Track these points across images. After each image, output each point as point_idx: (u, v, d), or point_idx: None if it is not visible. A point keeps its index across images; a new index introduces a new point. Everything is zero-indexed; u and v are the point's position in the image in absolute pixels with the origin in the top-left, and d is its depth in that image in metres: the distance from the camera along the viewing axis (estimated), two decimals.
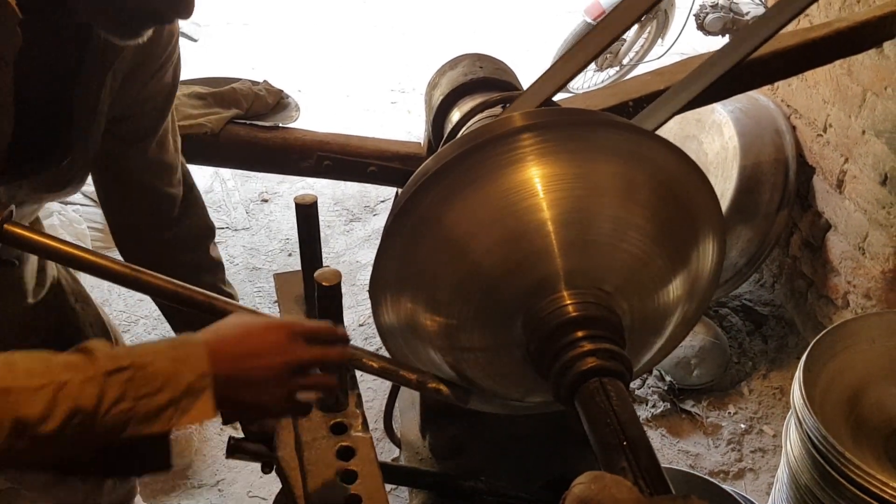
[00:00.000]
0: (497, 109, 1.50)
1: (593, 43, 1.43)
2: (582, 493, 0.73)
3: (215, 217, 3.68)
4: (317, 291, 1.10)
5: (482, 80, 1.67)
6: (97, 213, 3.44)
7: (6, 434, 0.72)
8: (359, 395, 1.26)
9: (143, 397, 0.80)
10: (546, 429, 1.75)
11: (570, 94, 2.68)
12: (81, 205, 3.42)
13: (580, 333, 1.09)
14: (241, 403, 0.89)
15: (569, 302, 1.12)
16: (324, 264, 1.34)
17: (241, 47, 5.77)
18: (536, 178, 1.13)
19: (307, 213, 1.32)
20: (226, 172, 4.00)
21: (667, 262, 1.19)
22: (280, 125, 1.80)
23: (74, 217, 3.29)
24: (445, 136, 1.56)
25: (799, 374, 1.77)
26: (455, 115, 1.63)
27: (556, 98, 1.48)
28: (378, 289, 1.23)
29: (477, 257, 1.13)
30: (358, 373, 1.31)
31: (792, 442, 1.83)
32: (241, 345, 0.89)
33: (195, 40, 4.77)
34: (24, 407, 0.73)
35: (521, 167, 1.13)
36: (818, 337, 1.86)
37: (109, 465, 0.87)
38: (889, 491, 1.55)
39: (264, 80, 1.86)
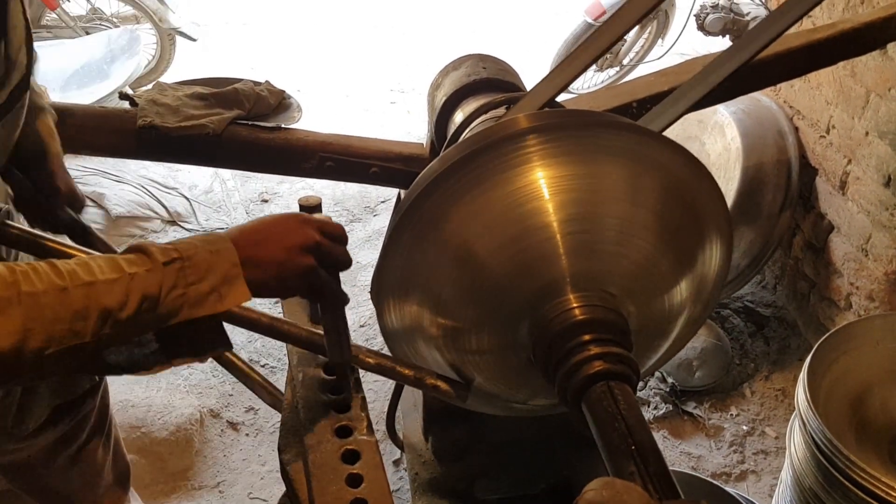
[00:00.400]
0: (501, 110, 1.49)
1: (595, 44, 1.43)
2: (594, 500, 0.72)
3: (215, 217, 3.69)
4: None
5: (486, 80, 1.66)
6: (97, 214, 3.44)
7: (94, 321, 0.86)
8: (363, 398, 1.25)
9: (191, 284, 0.93)
10: (549, 432, 1.74)
11: (572, 95, 2.67)
12: None
13: (587, 337, 1.08)
14: (267, 282, 1.02)
15: (575, 305, 1.11)
16: None
17: (240, 47, 5.76)
18: (542, 181, 1.12)
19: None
20: (225, 173, 3.99)
21: (673, 264, 1.19)
22: (282, 126, 1.78)
23: None
24: (449, 137, 1.55)
25: (803, 376, 1.77)
26: (458, 116, 1.63)
27: (559, 99, 1.47)
28: (382, 291, 1.23)
29: (482, 260, 1.13)
30: (360, 373, 1.30)
31: (796, 444, 1.83)
32: (260, 233, 1.03)
33: (194, 40, 4.78)
34: (106, 297, 0.87)
35: (526, 169, 1.12)
36: (822, 339, 1.85)
37: (176, 350, 1.01)
38: (894, 494, 1.55)
39: (266, 81, 1.84)
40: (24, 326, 0.82)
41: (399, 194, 1.95)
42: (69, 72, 4.00)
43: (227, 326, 1.05)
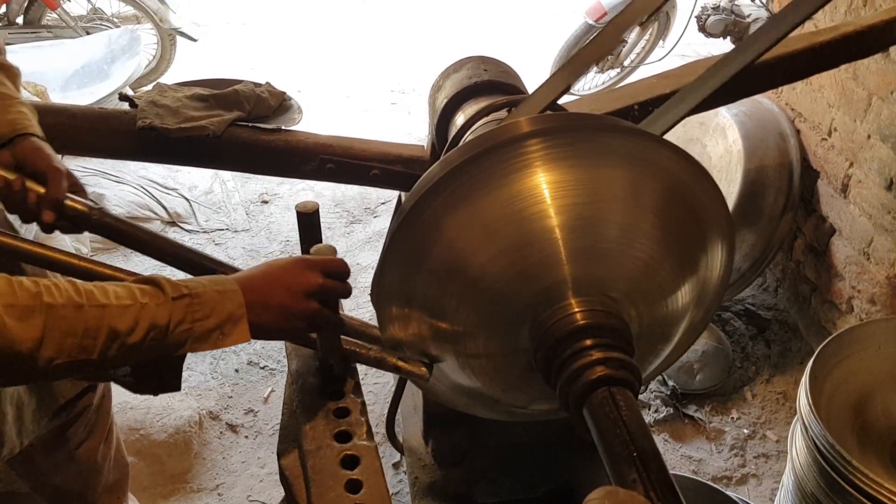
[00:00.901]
0: (502, 113, 1.49)
1: (595, 47, 1.43)
2: None
3: (215, 218, 3.68)
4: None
5: (486, 83, 1.66)
6: None
7: (103, 340, 0.93)
8: (363, 403, 1.24)
9: (198, 320, 1.00)
10: (549, 436, 1.74)
11: (574, 97, 2.66)
12: None
13: (588, 342, 1.08)
14: (270, 325, 1.08)
15: (577, 310, 1.10)
16: None
17: (241, 47, 5.76)
18: (544, 185, 1.11)
19: (309, 221, 1.31)
20: (226, 174, 3.98)
21: (675, 268, 1.18)
22: (283, 128, 1.78)
23: None
24: (450, 139, 1.55)
25: (805, 380, 1.76)
26: (460, 119, 1.62)
27: (560, 101, 1.47)
28: (383, 295, 1.22)
29: (484, 263, 1.12)
30: (359, 377, 1.30)
31: (798, 449, 1.82)
32: (266, 278, 1.09)
33: (194, 40, 4.77)
34: (117, 320, 0.94)
35: (528, 173, 1.12)
36: (824, 343, 1.84)
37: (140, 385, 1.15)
38: None
39: (267, 82, 1.84)
40: (42, 334, 0.89)
41: (400, 197, 1.95)
42: (69, 72, 3.99)
43: None
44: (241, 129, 1.75)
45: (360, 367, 1.32)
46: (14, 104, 1.33)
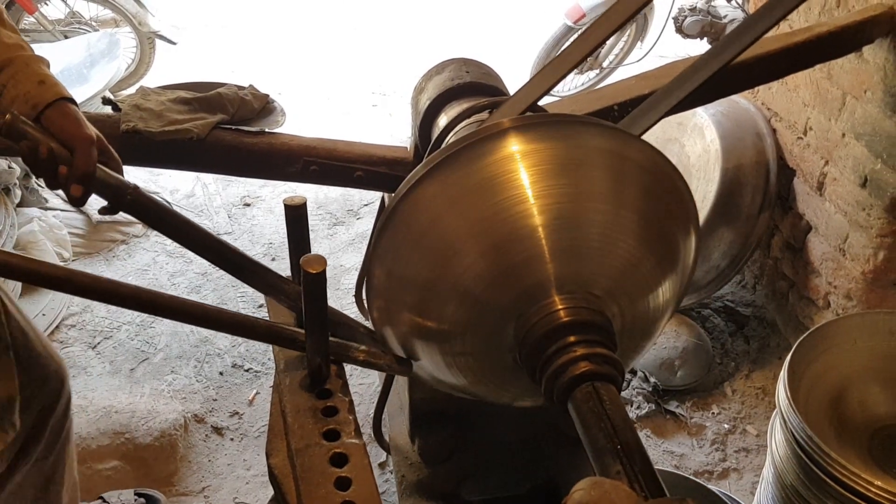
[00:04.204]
0: (485, 115, 1.51)
1: (576, 50, 1.45)
2: (582, 500, 0.73)
3: (197, 221, 3.67)
4: (302, 278, 1.13)
5: (469, 84, 1.68)
6: (78, 219, 3.42)
7: None
8: (351, 402, 1.25)
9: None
10: (534, 432, 1.76)
11: (554, 98, 2.68)
12: (62, 210, 3.39)
13: (572, 338, 1.10)
14: None
15: (560, 307, 1.12)
16: None
17: (220, 50, 5.74)
18: (526, 184, 1.13)
19: (296, 215, 1.32)
20: (207, 177, 3.98)
21: (655, 265, 1.21)
22: (266, 130, 1.79)
23: (55, 223, 3.26)
24: (433, 140, 1.57)
25: (783, 374, 1.79)
26: (442, 120, 1.64)
27: (543, 105, 1.49)
28: (370, 292, 1.24)
29: (467, 263, 1.14)
30: (346, 377, 1.31)
31: (777, 442, 1.85)
32: None
33: (174, 43, 4.75)
34: None
35: (510, 173, 1.14)
36: (802, 338, 1.88)
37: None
38: (874, 490, 1.58)
39: (250, 85, 1.85)
40: None
41: (383, 198, 1.96)
42: None
43: (211, 333, 1.07)
44: (224, 131, 1.76)
45: (346, 367, 1.33)
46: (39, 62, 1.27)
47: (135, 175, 3.71)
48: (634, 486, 0.92)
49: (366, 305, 1.27)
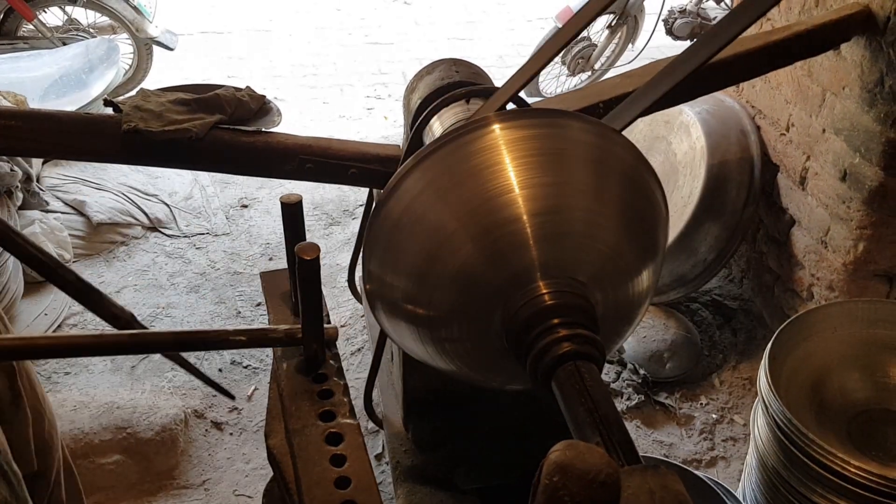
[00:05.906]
0: (462, 103, 1.57)
1: (555, 41, 1.52)
2: (558, 459, 0.79)
3: (196, 223, 3.73)
4: (297, 265, 1.18)
5: (458, 83, 1.73)
6: (79, 221, 3.47)
7: None
8: (345, 385, 1.31)
9: None
10: (527, 420, 1.81)
11: (544, 97, 2.74)
12: (63, 213, 3.44)
13: (556, 320, 1.15)
14: None
15: (545, 291, 1.17)
16: None
17: (218, 56, 5.80)
18: (512, 174, 1.19)
19: (293, 212, 1.38)
20: (205, 179, 4.04)
21: (637, 253, 1.26)
22: (263, 130, 1.84)
23: (56, 225, 3.31)
24: (417, 131, 1.63)
25: (764, 361, 1.85)
26: (432, 118, 1.70)
27: (531, 104, 1.56)
28: (363, 281, 1.30)
29: (455, 250, 1.19)
30: (342, 362, 1.37)
31: (759, 427, 1.91)
32: None
33: (171, 49, 4.80)
34: None
35: (496, 164, 1.20)
36: (782, 326, 1.94)
37: None
38: (851, 469, 1.64)
39: (247, 87, 1.90)
40: None
41: (371, 191, 2.02)
42: (48, 82, 4.01)
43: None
44: (222, 131, 1.81)
45: (344, 366, 1.39)
46: None
47: (133, 178, 3.77)
48: (612, 455, 0.98)
49: (359, 290, 1.32)
